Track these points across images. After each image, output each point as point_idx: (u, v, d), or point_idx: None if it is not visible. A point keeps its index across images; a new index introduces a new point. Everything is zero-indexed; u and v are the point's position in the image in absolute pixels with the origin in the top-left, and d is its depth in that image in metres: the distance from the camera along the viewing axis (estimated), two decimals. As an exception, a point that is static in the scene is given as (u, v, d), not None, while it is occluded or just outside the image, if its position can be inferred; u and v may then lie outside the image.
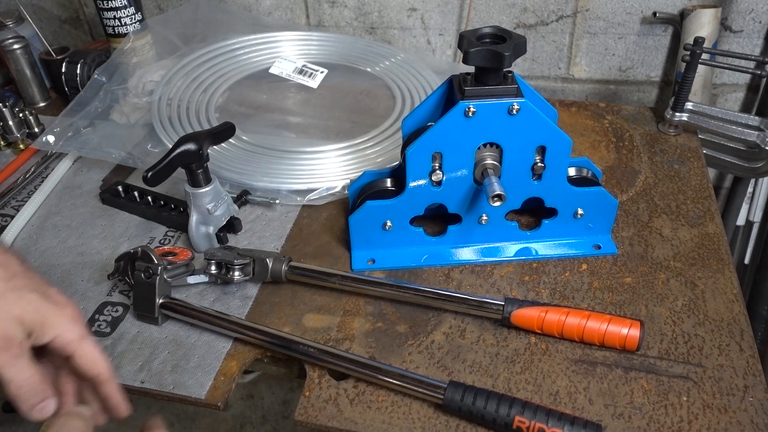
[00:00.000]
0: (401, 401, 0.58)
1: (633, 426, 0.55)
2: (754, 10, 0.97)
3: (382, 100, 0.99)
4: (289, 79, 1.02)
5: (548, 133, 0.65)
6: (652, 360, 0.61)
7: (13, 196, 0.88)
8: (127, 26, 1.02)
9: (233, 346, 0.64)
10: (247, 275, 0.69)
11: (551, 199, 0.71)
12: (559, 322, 0.62)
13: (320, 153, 0.86)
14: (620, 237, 0.75)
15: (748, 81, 1.05)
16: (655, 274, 0.70)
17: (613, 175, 0.86)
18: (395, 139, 0.89)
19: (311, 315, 0.68)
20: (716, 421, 0.55)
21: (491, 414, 0.54)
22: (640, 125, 0.97)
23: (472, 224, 0.72)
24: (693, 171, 0.87)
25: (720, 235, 0.75)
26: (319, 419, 0.57)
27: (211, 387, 0.60)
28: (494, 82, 0.63)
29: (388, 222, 0.71)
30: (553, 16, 1.05)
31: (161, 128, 0.89)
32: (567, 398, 0.58)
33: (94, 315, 0.69)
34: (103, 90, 0.94)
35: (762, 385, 0.58)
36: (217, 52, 1.03)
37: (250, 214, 0.82)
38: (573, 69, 1.10)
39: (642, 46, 1.05)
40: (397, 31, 1.13)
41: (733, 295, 0.67)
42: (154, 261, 0.65)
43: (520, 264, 0.73)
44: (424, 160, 0.66)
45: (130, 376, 0.62)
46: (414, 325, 0.66)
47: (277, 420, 1.54)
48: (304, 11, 1.15)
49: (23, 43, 1.05)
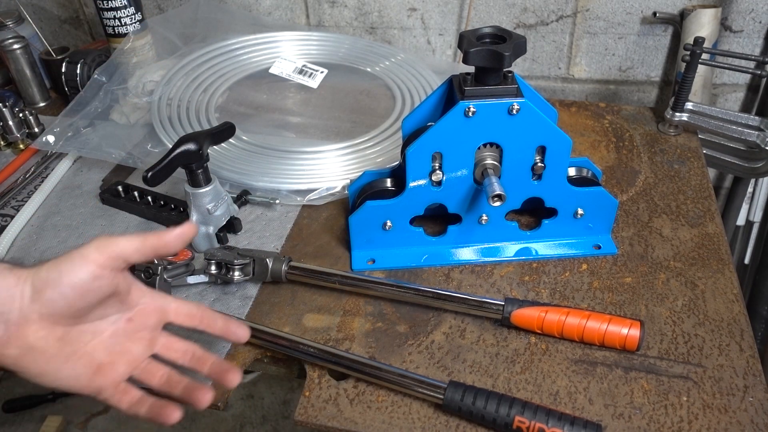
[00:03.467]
0: (401, 401, 0.58)
1: (633, 426, 0.55)
2: (754, 10, 0.97)
3: (382, 100, 0.99)
4: (289, 79, 1.01)
5: (548, 133, 0.65)
6: (652, 360, 0.61)
7: (13, 196, 0.88)
8: (127, 26, 1.02)
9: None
10: (247, 275, 0.69)
11: (551, 199, 0.71)
12: (559, 322, 0.62)
13: (320, 153, 0.86)
14: (620, 237, 0.75)
15: (748, 81, 1.05)
16: (655, 274, 0.70)
17: (613, 175, 0.86)
18: (395, 139, 0.89)
19: (311, 315, 0.68)
20: (716, 421, 0.55)
21: (491, 414, 0.54)
22: (640, 125, 0.97)
23: (472, 224, 0.72)
24: (693, 171, 0.87)
25: (720, 235, 0.75)
26: (319, 419, 0.57)
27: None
28: (494, 82, 0.63)
29: (388, 222, 0.71)
30: (553, 16, 1.05)
31: (161, 128, 0.89)
32: (567, 398, 0.58)
33: (94, 315, 0.69)
34: (103, 90, 0.94)
35: (762, 385, 0.58)
36: (217, 52, 1.03)
37: (250, 214, 0.82)
38: (573, 69, 1.10)
39: (642, 46, 1.05)
40: (397, 31, 1.13)
41: (733, 295, 0.67)
42: (154, 261, 0.65)
43: (520, 264, 0.73)
44: (424, 160, 0.66)
45: (130, 376, 0.62)
46: (414, 325, 0.66)
47: (277, 420, 1.54)
48: (304, 11, 1.15)
49: (23, 43, 1.05)
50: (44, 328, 0.47)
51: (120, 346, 0.51)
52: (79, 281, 0.46)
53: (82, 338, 0.49)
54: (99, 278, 0.47)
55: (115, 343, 0.51)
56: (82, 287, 0.46)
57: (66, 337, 0.48)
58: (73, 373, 0.49)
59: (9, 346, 0.46)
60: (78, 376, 0.49)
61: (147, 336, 0.53)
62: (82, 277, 0.46)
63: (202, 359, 0.54)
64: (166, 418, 0.50)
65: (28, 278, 0.46)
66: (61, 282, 0.46)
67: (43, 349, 0.47)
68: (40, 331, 0.47)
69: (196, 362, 0.54)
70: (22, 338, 0.46)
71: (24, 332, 0.46)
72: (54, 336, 0.47)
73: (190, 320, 0.55)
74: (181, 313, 0.55)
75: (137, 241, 0.49)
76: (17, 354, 0.46)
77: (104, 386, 0.50)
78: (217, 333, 0.56)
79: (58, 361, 0.48)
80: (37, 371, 0.47)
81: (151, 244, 0.50)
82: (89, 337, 0.50)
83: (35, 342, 0.46)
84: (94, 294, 0.48)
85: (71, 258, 0.46)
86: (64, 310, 0.47)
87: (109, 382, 0.50)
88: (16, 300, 0.45)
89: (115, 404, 0.50)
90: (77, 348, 0.49)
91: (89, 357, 0.49)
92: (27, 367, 0.47)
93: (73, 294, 0.46)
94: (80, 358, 0.49)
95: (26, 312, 0.46)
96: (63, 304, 0.46)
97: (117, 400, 0.51)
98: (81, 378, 0.49)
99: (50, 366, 0.48)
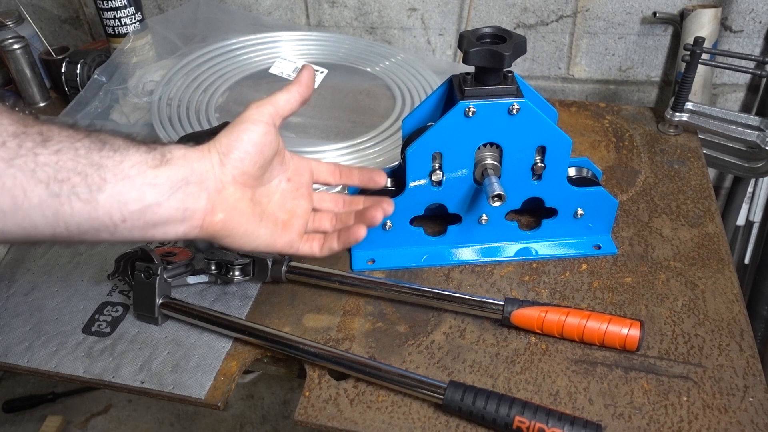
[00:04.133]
0: (401, 401, 0.58)
1: (633, 426, 0.55)
2: (754, 10, 0.97)
3: (382, 100, 0.99)
4: (289, 79, 1.01)
5: (548, 133, 0.65)
6: (652, 360, 0.61)
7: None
8: (127, 26, 1.02)
9: (233, 346, 0.64)
10: (247, 275, 0.69)
11: (551, 199, 0.71)
12: (559, 322, 0.62)
13: (320, 153, 0.86)
14: (620, 237, 0.75)
15: (748, 81, 1.05)
16: (655, 274, 0.70)
17: (613, 175, 0.86)
18: (395, 139, 0.89)
19: (311, 315, 0.68)
20: (716, 421, 0.55)
21: (491, 414, 0.54)
22: (640, 125, 0.97)
23: (472, 224, 0.72)
24: (693, 171, 0.87)
25: (720, 235, 0.75)
26: (319, 419, 0.57)
27: (211, 387, 0.60)
28: (494, 82, 0.63)
29: (388, 222, 0.71)
30: (553, 16, 1.05)
31: (161, 128, 0.89)
32: (567, 398, 0.58)
33: (94, 315, 0.69)
34: (103, 90, 0.94)
35: (762, 385, 0.58)
36: (217, 52, 1.03)
37: (250, 214, 0.82)
38: (573, 69, 1.10)
39: (642, 46, 1.05)
40: (397, 31, 1.13)
41: (733, 295, 0.67)
42: (154, 261, 0.65)
43: (520, 264, 0.73)
44: (424, 160, 0.66)
45: (130, 376, 0.62)
46: (414, 325, 0.66)
47: (277, 420, 1.54)
48: (304, 11, 1.15)
49: (23, 43, 1.05)
50: (238, 190, 0.51)
51: (291, 204, 0.58)
52: (256, 137, 0.51)
53: (263, 200, 0.55)
54: (268, 133, 0.52)
55: (287, 201, 0.57)
56: (259, 143, 0.51)
57: (254, 197, 0.53)
58: (267, 231, 0.54)
59: (215, 211, 0.49)
60: (272, 234, 0.55)
61: (305, 193, 0.59)
62: (258, 133, 0.51)
63: (354, 200, 0.62)
64: (357, 235, 0.56)
65: (212, 148, 0.50)
66: (242, 142, 0.50)
67: (242, 209, 0.52)
68: (236, 192, 0.51)
69: (350, 204, 0.62)
70: (224, 202, 0.50)
71: (224, 196, 0.50)
72: (246, 197, 0.52)
73: (332, 176, 0.62)
74: (321, 170, 0.61)
75: (283, 95, 0.55)
76: (224, 218, 0.50)
77: (293, 240, 0.57)
78: (356, 184, 0.63)
79: (254, 222, 0.53)
80: (242, 231, 0.52)
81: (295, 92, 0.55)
82: (267, 199, 0.55)
83: (235, 203, 0.51)
84: (269, 149, 0.52)
85: (240, 123, 0.52)
86: (250, 167, 0.51)
87: (295, 235, 0.57)
88: (209, 169, 0.49)
89: (309, 253, 0.58)
90: (264, 208, 0.55)
91: (273, 216, 0.56)
92: (234, 229, 0.51)
93: (255, 150, 0.51)
94: (268, 217, 0.55)
95: (220, 177, 0.50)
96: (249, 162, 0.51)
97: (309, 248, 0.58)
98: (274, 235, 0.55)
99: (250, 226, 0.53)
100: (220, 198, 0.50)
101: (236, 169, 0.50)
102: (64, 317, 0.69)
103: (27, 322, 0.68)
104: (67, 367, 0.63)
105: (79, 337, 0.66)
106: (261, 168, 0.52)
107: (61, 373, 0.63)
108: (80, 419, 1.54)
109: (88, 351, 0.65)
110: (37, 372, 0.64)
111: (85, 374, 0.63)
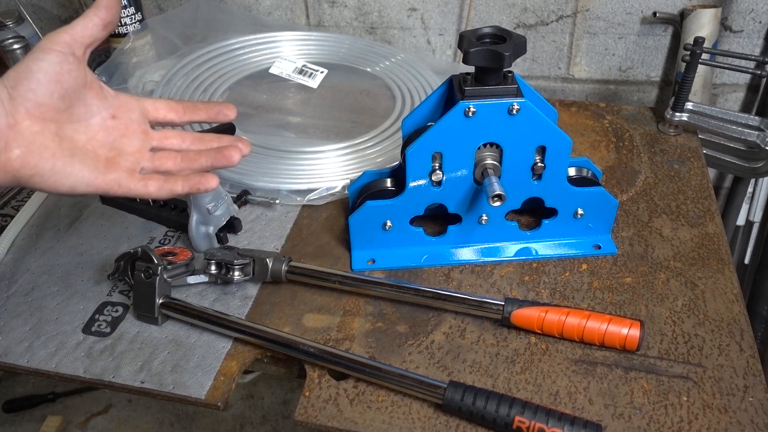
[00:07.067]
0: (401, 401, 0.58)
1: (633, 426, 0.56)
2: (754, 10, 0.97)
3: (382, 100, 0.99)
4: (289, 79, 1.01)
5: (548, 133, 0.65)
6: (652, 360, 0.61)
7: (13, 196, 0.88)
8: (127, 26, 1.02)
9: (233, 346, 0.64)
10: (247, 275, 0.69)
11: (551, 199, 0.71)
12: (559, 322, 0.62)
13: (320, 153, 0.86)
14: (620, 237, 0.75)
15: (748, 81, 1.05)
16: (655, 274, 0.70)
17: (613, 175, 0.86)
18: (395, 139, 0.89)
19: (311, 315, 0.68)
20: (716, 421, 0.55)
21: (491, 414, 0.54)
22: (640, 125, 0.97)
23: (472, 224, 0.73)
24: (693, 171, 0.87)
25: (720, 235, 0.75)
26: (319, 419, 0.57)
27: (211, 387, 0.60)
28: (494, 82, 0.63)
29: (388, 222, 0.71)
30: (553, 16, 1.05)
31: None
32: (567, 398, 0.58)
33: (94, 315, 0.69)
34: (103, 90, 0.94)
35: (762, 385, 0.58)
36: (217, 52, 1.03)
37: (250, 214, 0.82)
38: (573, 69, 1.10)
39: (642, 46, 1.05)
40: (397, 31, 1.13)
41: (733, 295, 0.67)
42: (154, 261, 0.65)
43: (520, 264, 0.73)
44: (424, 160, 0.66)
45: (130, 376, 0.62)
46: (414, 325, 0.66)
47: (277, 420, 1.54)
48: (304, 11, 1.15)
49: (23, 43, 1.05)
50: (36, 124, 0.49)
51: (117, 141, 0.54)
52: (47, 65, 0.48)
53: (77, 136, 0.52)
54: (65, 62, 0.49)
55: (111, 138, 0.54)
56: (52, 71, 0.49)
57: (61, 133, 0.51)
58: (85, 168, 0.51)
59: (10, 148, 0.47)
60: (91, 172, 0.51)
61: (138, 129, 0.56)
62: (50, 62, 0.49)
63: (205, 137, 0.57)
64: (207, 185, 0.53)
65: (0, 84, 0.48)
66: (31, 71, 0.48)
67: (43, 143, 0.49)
68: (34, 126, 0.49)
69: (199, 141, 0.57)
70: (19, 137, 0.48)
71: (18, 131, 0.48)
72: (49, 132, 0.50)
73: (173, 112, 0.57)
74: (159, 107, 0.57)
75: (80, 21, 0.51)
76: (21, 153, 0.48)
77: (120, 177, 0.53)
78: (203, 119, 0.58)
79: (64, 158, 0.50)
80: (48, 169, 0.49)
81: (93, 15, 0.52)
82: (84, 136, 0.52)
83: (33, 137, 0.48)
84: (68, 79, 0.50)
85: (32, 55, 0.49)
86: (46, 99, 0.49)
87: (123, 172, 0.53)
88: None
89: (143, 193, 0.53)
90: (77, 144, 0.52)
91: (93, 153, 0.52)
92: (38, 166, 0.48)
93: (47, 80, 0.48)
94: (85, 154, 0.52)
95: (10, 110, 0.48)
96: (43, 92, 0.48)
97: (143, 187, 0.53)
98: (95, 173, 0.51)
99: (59, 162, 0.50)
100: (13, 133, 0.47)
101: (29, 101, 0.48)
102: (64, 317, 0.69)
103: (27, 322, 0.68)
104: (67, 367, 0.63)
105: (79, 337, 0.66)
106: (62, 99, 0.50)
107: (61, 373, 0.63)
108: (80, 419, 1.54)
109: (88, 351, 0.65)
110: (37, 372, 0.64)
111: (85, 374, 0.63)
